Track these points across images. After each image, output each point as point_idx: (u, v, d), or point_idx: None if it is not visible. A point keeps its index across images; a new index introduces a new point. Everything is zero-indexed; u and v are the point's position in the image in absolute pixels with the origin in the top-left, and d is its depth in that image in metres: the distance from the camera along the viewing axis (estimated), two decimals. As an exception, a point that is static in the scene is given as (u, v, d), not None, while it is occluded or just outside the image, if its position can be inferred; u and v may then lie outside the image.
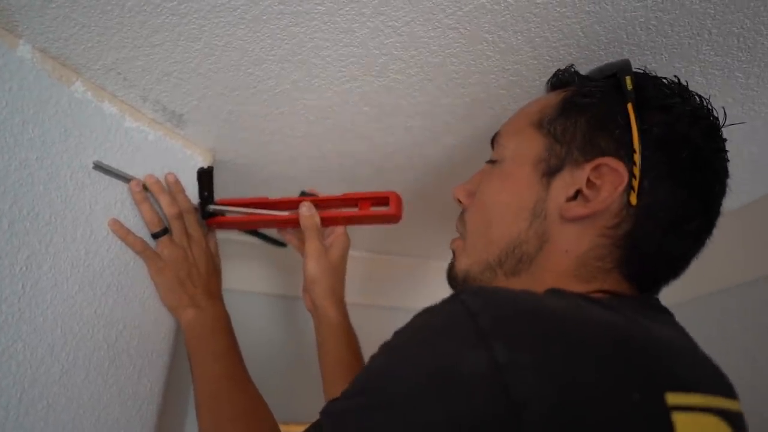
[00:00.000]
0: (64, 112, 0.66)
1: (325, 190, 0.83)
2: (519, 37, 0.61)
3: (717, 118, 0.53)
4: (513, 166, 0.55)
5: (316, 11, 0.58)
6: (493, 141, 0.61)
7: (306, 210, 0.77)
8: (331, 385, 0.77)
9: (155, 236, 0.74)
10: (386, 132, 0.80)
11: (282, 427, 0.67)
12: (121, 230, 0.71)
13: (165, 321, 0.76)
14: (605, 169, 0.50)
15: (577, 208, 0.50)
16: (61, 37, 0.62)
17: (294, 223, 0.79)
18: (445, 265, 0.61)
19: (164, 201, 0.74)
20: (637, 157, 0.49)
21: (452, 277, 0.60)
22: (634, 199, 0.48)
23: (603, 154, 0.50)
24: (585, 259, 0.50)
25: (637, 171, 0.48)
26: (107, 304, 0.69)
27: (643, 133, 0.49)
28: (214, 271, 0.79)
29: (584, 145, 0.51)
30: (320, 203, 0.79)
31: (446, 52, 0.64)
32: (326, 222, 0.80)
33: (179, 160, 0.81)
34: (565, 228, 0.51)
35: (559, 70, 0.60)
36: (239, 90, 0.71)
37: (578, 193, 0.51)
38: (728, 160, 0.53)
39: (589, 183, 0.50)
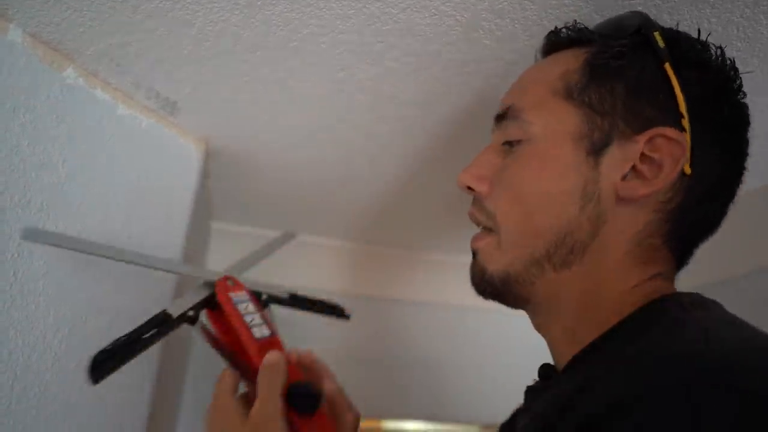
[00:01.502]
0: (56, 99, 0.65)
1: (319, 181, 0.83)
2: (516, 25, 0.60)
3: (737, 69, 0.49)
4: (549, 145, 0.48)
5: (311, -3, 0.57)
6: (503, 117, 0.52)
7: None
8: None
9: None
10: (381, 121, 0.79)
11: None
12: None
13: (158, 309, 0.76)
14: (661, 140, 0.45)
15: (639, 187, 0.45)
16: (53, 22, 0.61)
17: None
18: (432, 257, 0.57)
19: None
20: (685, 123, 0.44)
21: (486, 281, 0.50)
22: (688, 169, 0.44)
23: (651, 123, 0.45)
24: (639, 237, 0.46)
25: (688, 138, 0.44)
26: (100, 292, 0.68)
27: (685, 94, 0.45)
28: None
29: (626, 114, 0.46)
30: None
31: (443, 40, 0.63)
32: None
33: (172, 148, 0.80)
34: (620, 208, 0.46)
35: (557, 28, 0.53)
36: (233, 77, 0.70)
37: (632, 169, 0.46)
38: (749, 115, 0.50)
39: (644, 157, 0.45)
